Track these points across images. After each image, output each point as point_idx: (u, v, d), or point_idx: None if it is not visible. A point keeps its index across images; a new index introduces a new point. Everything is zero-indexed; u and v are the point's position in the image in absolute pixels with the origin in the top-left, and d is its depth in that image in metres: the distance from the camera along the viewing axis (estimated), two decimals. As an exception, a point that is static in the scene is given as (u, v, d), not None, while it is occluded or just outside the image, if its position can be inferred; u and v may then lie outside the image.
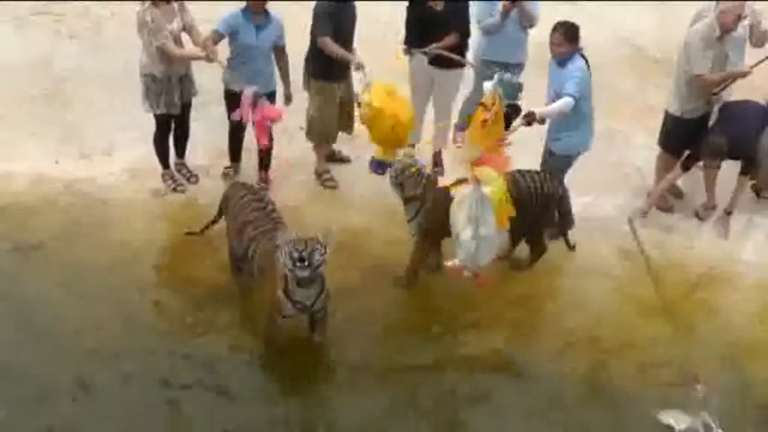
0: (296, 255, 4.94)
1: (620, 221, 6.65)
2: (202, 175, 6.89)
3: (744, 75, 6.30)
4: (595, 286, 6.10)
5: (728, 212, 6.61)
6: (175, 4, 6.27)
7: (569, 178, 6.76)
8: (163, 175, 6.76)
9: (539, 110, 5.70)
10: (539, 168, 6.19)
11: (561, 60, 5.84)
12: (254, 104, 6.11)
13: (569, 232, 6.21)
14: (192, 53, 6.31)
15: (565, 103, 5.69)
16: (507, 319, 5.84)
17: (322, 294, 5.23)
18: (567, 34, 5.79)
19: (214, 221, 6.01)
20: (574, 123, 5.95)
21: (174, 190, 6.72)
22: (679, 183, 6.89)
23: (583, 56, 5.92)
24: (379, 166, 6.69)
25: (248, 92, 6.07)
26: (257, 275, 5.47)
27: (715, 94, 6.41)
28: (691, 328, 5.79)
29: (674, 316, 5.87)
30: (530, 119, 5.63)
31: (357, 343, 5.55)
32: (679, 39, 6.45)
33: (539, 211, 5.89)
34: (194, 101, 6.64)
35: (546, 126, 6.06)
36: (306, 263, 4.94)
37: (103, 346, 5.39)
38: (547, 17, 6.42)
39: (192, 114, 6.72)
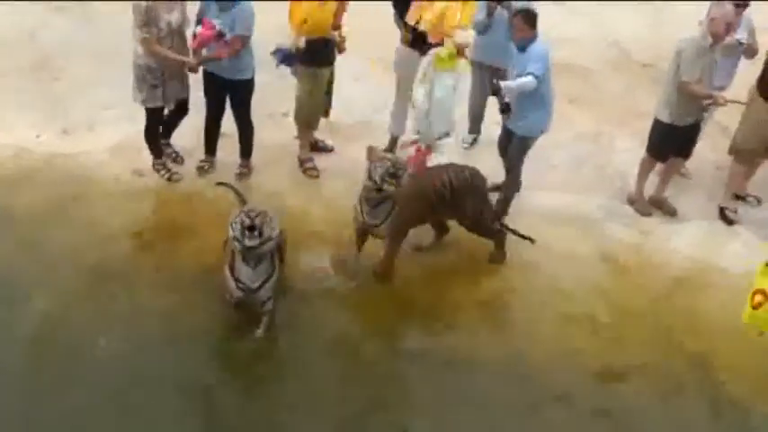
0: (247, 222, 4.89)
1: (601, 222, 6.67)
2: (186, 156, 6.84)
3: (720, 104, 6.35)
4: (573, 285, 6.12)
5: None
6: None
7: (551, 176, 6.82)
8: (155, 165, 6.65)
9: (503, 83, 6.01)
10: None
11: (523, 45, 6.03)
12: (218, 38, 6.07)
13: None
14: (174, 57, 6.17)
15: (528, 81, 5.89)
16: (480, 314, 5.85)
17: (270, 282, 5.16)
18: (528, 19, 6.00)
19: None
20: (534, 105, 6.12)
21: (169, 179, 6.62)
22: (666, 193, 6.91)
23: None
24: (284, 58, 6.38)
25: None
26: None
27: (710, 104, 6.45)
28: (665, 331, 5.83)
29: (650, 318, 5.92)
30: (495, 89, 6.01)
31: (325, 332, 5.58)
32: (668, 43, 6.46)
33: (458, 203, 5.95)
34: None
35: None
36: (256, 232, 4.90)
37: (75, 325, 5.37)
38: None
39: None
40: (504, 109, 6.12)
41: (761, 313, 5.04)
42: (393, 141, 6.90)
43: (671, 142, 6.54)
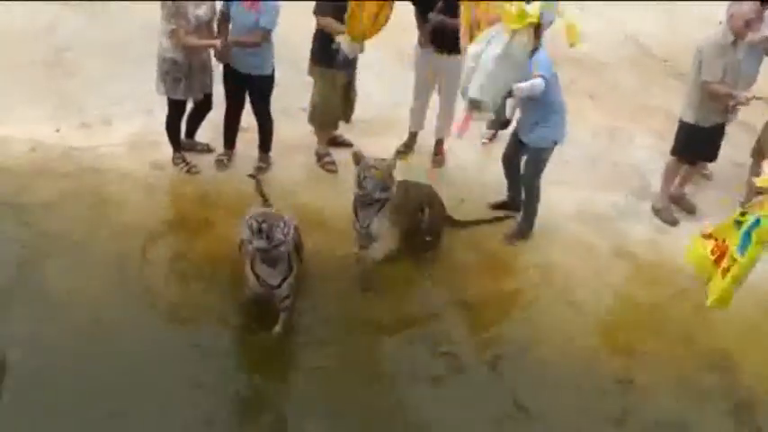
0: (255, 226, 5.03)
1: (617, 219, 6.67)
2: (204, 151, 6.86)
3: (743, 103, 6.25)
4: (587, 282, 6.12)
5: None
6: None
7: (566, 172, 6.80)
8: (174, 159, 6.66)
9: (513, 85, 5.86)
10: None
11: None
12: None
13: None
14: (202, 43, 6.18)
15: (537, 82, 5.74)
16: (496, 311, 5.90)
17: (289, 279, 5.27)
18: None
19: None
20: (545, 115, 6.03)
21: (188, 172, 6.63)
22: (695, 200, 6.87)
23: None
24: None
25: None
26: None
27: (735, 105, 6.36)
28: (679, 329, 5.83)
29: (664, 315, 5.93)
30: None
31: (340, 328, 5.62)
32: (684, 39, 6.42)
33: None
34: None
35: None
36: (264, 235, 5.03)
37: (90, 315, 5.42)
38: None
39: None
40: (505, 124, 6.15)
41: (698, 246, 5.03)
42: (413, 137, 6.93)
43: (696, 143, 6.44)
